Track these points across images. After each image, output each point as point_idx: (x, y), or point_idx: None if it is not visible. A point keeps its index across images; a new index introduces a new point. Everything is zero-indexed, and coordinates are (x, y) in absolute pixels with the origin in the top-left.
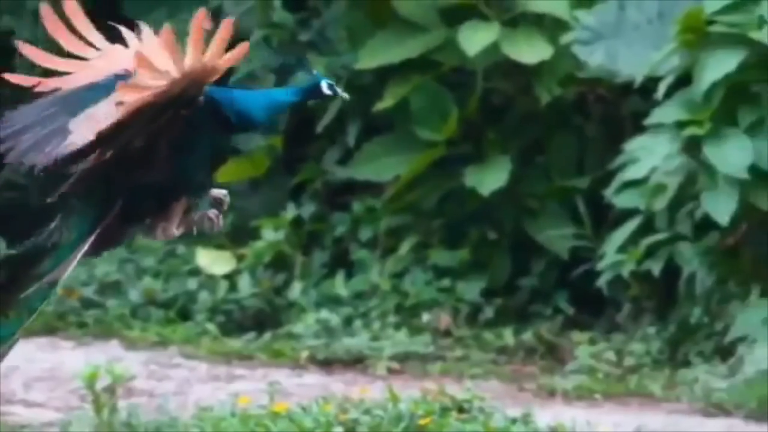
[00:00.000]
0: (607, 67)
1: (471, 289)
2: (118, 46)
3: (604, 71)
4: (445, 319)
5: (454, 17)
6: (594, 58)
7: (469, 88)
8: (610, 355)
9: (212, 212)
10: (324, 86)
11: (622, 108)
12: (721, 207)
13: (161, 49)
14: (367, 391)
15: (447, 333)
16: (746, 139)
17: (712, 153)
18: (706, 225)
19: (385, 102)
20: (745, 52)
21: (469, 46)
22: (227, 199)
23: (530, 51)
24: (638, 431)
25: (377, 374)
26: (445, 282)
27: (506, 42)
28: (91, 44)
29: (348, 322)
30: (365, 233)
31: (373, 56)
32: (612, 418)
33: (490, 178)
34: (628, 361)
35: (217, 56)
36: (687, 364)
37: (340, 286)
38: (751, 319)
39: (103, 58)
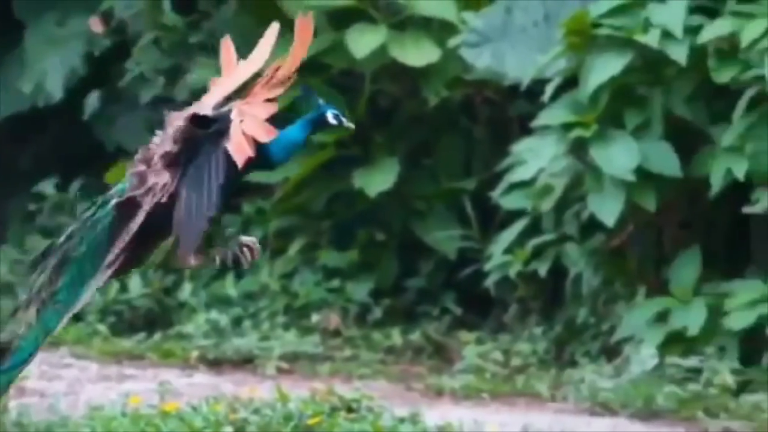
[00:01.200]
0: (494, 70)
1: (359, 290)
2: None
3: (491, 74)
4: (334, 320)
5: (342, 20)
6: (481, 61)
7: (357, 91)
8: (497, 355)
9: (243, 254)
10: (329, 116)
11: (508, 110)
12: (607, 208)
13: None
14: (256, 390)
15: (336, 333)
16: (632, 140)
17: (598, 155)
18: (592, 226)
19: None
20: (630, 54)
21: (357, 48)
22: (257, 247)
23: (418, 54)
24: (525, 430)
25: (267, 374)
26: (334, 283)
27: (394, 45)
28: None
29: (237, 322)
30: (255, 234)
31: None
32: (499, 418)
33: (377, 180)
34: (515, 361)
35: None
36: (573, 364)
37: (229, 286)
38: (636, 319)
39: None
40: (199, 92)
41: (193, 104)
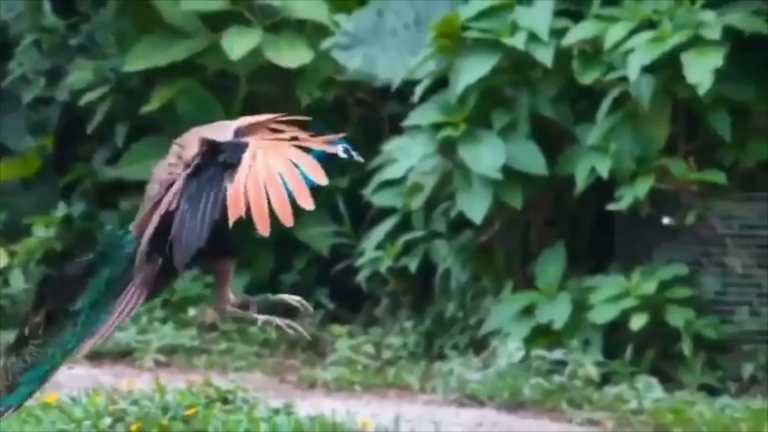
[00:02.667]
0: (366, 71)
1: (236, 285)
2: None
3: (362, 75)
4: (210, 314)
5: (218, 23)
6: (353, 63)
7: (232, 92)
8: (369, 348)
9: (286, 322)
10: (340, 150)
11: (380, 110)
12: (475, 206)
13: None
14: (135, 382)
15: (212, 327)
16: (499, 140)
17: (466, 154)
18: (460, 223)
19: (152, 104)
20: (498, 56)
21: (232, 50)
22: (305, 306)
23: (292, 55)
24: (396, 421)
25: (145, 366)
26: (211, 278)
27: (269, 47)
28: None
29: None
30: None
31: (140, 60)
32: (370, 409)
33: None
34: (386, 354)
35: None
36: (442, 356)
37: None
38: (503, 313)
39: None
40: (78, 93)
41: (215, 125)
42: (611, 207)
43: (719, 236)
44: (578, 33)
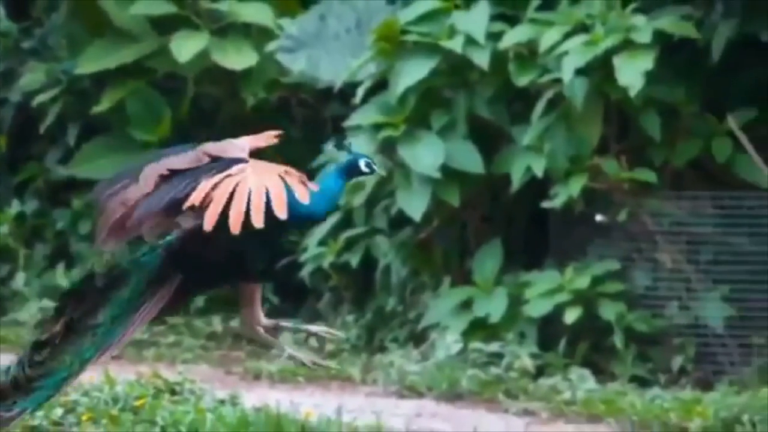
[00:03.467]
0: (309, 74)
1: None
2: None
3: (306, 77)
4: None
5: (166, 26)
6: (296, 65)
7: (181, 93)
8: (312, 341)
9: (311, 359)
10: (362, 164)
11: (323, 111)
12: (414, 203)
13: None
14: (85, 374)
15: (160, 320)
16: (438, 140)
17: (406, 153)
18: (400, 220)
19: (103, 105)
20: (436, 59)
21: (180, 53)
22: (335, 336)
23: (237, 58)
24: (338, 412)
25: None
26: None
27: (215, 49)
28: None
29: None
30: (84, 227)
31: (91, 62)
32: (314, 400)
33: None
34: (329, 347)
35: None
36: (383, 349)
37: (60, 276)
38: (442, 307)
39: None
40: (31, 94)
41: (223, 143)
42: (546, 205)
43: (650, 233)
44: (514, 36)
